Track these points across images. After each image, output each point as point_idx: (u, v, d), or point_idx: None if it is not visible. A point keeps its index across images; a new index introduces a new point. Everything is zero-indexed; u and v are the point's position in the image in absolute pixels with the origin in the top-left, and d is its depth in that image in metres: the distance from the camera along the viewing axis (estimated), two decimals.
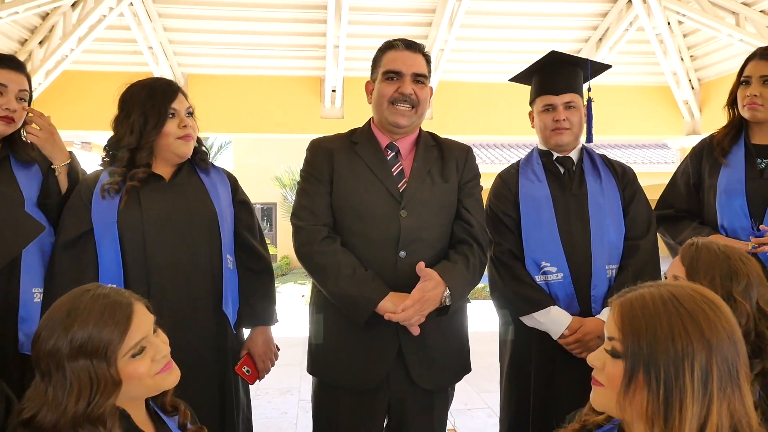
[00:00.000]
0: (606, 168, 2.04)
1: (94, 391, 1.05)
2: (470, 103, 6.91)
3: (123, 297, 1.13)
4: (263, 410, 4.09)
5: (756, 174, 1.96)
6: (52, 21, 5.76)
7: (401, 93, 1.76)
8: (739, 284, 1.25)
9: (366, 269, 1.69)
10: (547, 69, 2.05)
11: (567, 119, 1.99)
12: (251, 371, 1.84)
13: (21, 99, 1.75)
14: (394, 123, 1.78)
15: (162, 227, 1.68)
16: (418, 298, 1.63)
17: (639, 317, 0.91)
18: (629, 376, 0.90)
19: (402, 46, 1.80)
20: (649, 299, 0.92)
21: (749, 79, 1.98)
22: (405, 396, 1.76)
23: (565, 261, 1.90)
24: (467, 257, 1.74)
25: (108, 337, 1.07)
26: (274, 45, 6.35)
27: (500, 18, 6.17)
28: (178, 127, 1.73)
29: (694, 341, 0.87)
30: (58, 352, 1.06)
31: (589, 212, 1.94)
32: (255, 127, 6.94)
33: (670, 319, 0.89)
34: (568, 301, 1.90)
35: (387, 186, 1.75)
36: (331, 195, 1.78)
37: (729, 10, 5.58)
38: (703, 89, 6.88)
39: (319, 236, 1.72)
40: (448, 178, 1.81)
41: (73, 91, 6.38)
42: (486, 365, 5.12)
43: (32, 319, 1.65)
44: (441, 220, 1.79)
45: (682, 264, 1.34)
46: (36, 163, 1.80)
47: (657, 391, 0.87)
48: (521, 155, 2.25)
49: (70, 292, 1.14)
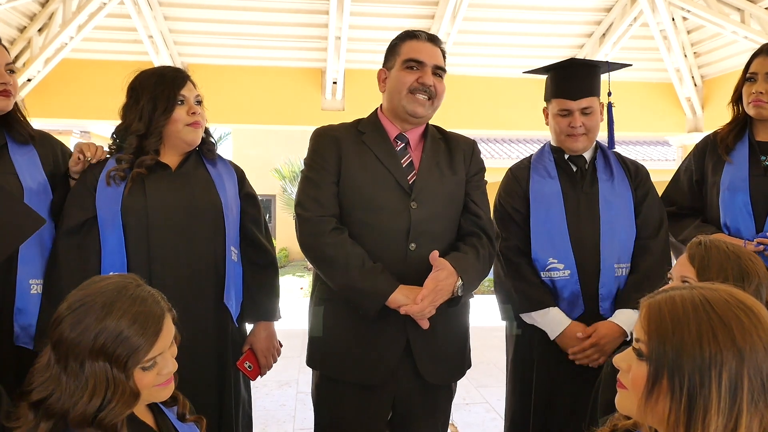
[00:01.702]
0: (619, 166, 2.02)
1: (109, 395, 1.04)
2: (472, 97, 6.88)
3: (158, 307, 1.11)
4: (261, 402, 4.08)
5: (760, 171, 1.94)
6: (51, 8, 5.73)
7: (422, 83, 1.73)
8: (751, 284, 1.23)
9: (375, 262, 1.67)
10: (565, 71, 2.00)
11: (583, 125, 1.95)
12: (253, 367, 1.81)
13: (10, 71, 1.72)
14: (412, 112, 1.75)
15: (166, 216, 1.67)
16: (432, 287, 1.61)
17: (666, 320, 0.86)
18: (653, 381, 0.86)
19: (424, 37, 1.78)
20: (679, 302, 0.87)
21: (755, 76, 1.96)
22: (411, 391, 1.74)
23: (572, 258, 1.89)
24: (477, 248, 1.73)
25: (135, 346, 1.05)
26: (276, 36, 6.32)
27: (504, 12, 6.14)
28: (187, 114, 1.71)
29: (723, 349, 0.82)
30: (82, 343, 1.04)
31: (600, 211, 1.92)
32: (255, 118, 6.92)
33: (699, 324, 0.84)
34: (573, 299, 1.89)
35: (397, 177, 1.73)
36: (337, 185, 1.74)
37: (734, 7, 5.55)
38: (706, 86, 6.85)
39: (327, 227, 1.68)
40: (457, 170, 1.80)
41: (72, 79, 6.35)
42: (484, 360, 5.15)
43: (28, 311, 1.63)
44: (450, 212, 1.77)
45: (692, 264, 1.31)
46: (32, 143, 1.76)
47: (680, 399, 0.83)
48: (523, 150, 2.24)
49: (108, 282, 1.11)
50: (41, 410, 1.04)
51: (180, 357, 1.18)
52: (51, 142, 1.84)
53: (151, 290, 1.14)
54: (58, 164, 1.81)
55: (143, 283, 1.14)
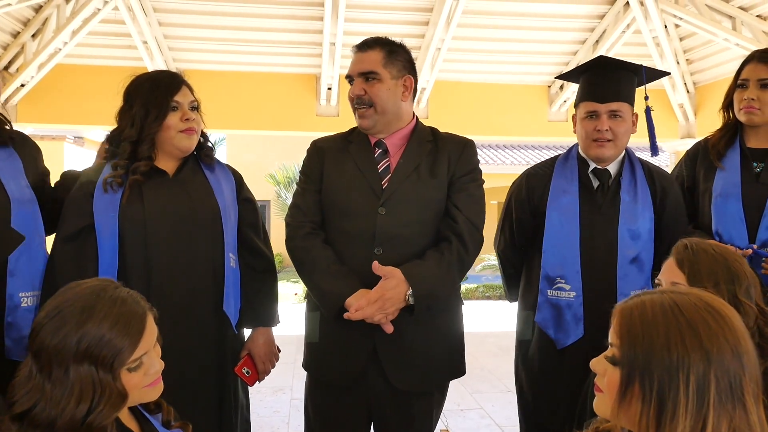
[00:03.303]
0: (645, 184, 1.91)
1: (97, 398, 1.03)
2: (466, 103, 6.91)
3: (139, 307, 1.10)
4: (255, 408, 4.03)
5: (752, 178, 1.94)
6: (45, 13, 5.71)
7: (352, 97, 1.78)
8: (741, 285, 1.24)
9: (341, 265, 1.70)
10: (594, 72, 1.94)
11: (610, 129, 1.86)
12: (251, 372, 1.80)
13: None
14: (360, 126, 1.82)
15: (164, 223, 1.66)
16: (376, 297, 1.61)
17: (637, 324, 0.89)
18: (625, 384, 0.88)
19: (355, 49, 1.81)
20: (648, 306, 0.90)
21: (746, 83, 1.95)
22: (382, 395, 1.74)
23: (580, 281, 1.85)
24: (442, 254, 1.69)
25: (119, 347, 1.04)
26: (271, 41, 6.32)
27: (498, 18, 6.17)
28: (180, 121, 1.69)
29: (690, 352, 0.84)
30: (64, 349, 1.02)
31: (619, 235, 1.85)
32: (250, 123, 6.92)
33: (668, 327, 0.86)
34: (574, 323, 1.85)
35: (371, 183, 1.75)
36: (320, 193, 1.81)
37: (726, 14, 5.59)
38: (699, 93, 6.90)
39: (301, 231, 1.76)
40: (437, 174, 1.76)
41: (66, 85, 6.33)
42: (479, 366, 5.14)
43: (19, 324, 1.59)
44: (424, 217, 1.74)
45: (681, 270, 1.30)
46: (10, 145, 1.70)
47: (650, 402, 0.85)
48: (517, 156, 2.24)
49: (85, 286, 1.10)
50: (26, 422, 1.02)
51: (180, 363, 1.17)
52: (30, 143, 1.79)
53: (130, 291, 1.13)
54: (41, 167, 1.78)
55: (120, 286, 1.13)
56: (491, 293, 10.40)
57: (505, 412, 4.01)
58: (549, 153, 11.85)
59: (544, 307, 1.90)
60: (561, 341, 1.87)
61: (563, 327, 1.86)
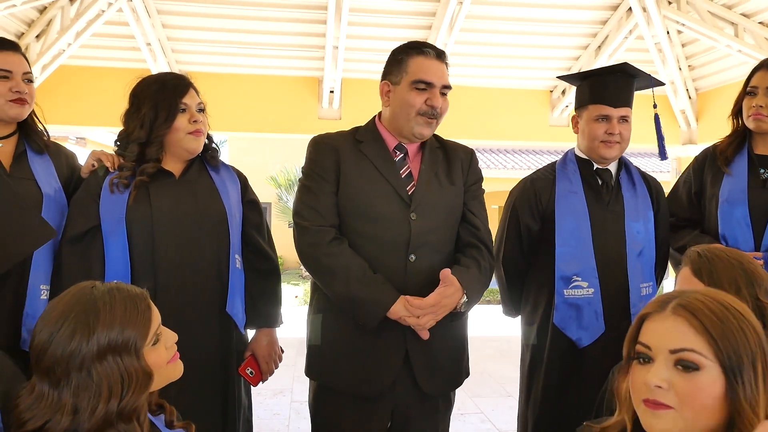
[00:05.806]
0: (641, 182, 2.03)
1: (126, 388, 1.03)
2: (468, 108, 6.90)
3: (136, 289, 1.12)
4: (255, 411, 4.02)
5: (759, 184, 1.96)
6: (49, 15, 5.72)
7: (431, 106, 1.70)
8: (761, 286, 1.23)
9: (375, 272, 1.65)
10: (611, 78, 1.99)
11: (620, 133, 1.96)
12: (255, 373, 1.82)
13: (28, 81, 1.74)
14: (419, 134, 1.74)
15: (171, 224, 1.66)
16: (435, 302, 1.60)
17: (716, 321, 0.89)
18: (730, 384, 0.88)
19: (433, 54, 1.73)
20: (710, 304, 0.92)
21: (755, 90, 1.98)
22: (409, 402, 1.73)
23: (596, 277, 1.88)
24: (479, 262, 1.72)
25: (136, 331, 1.06)
26: (273, 44, 6.33)
27: (501, 23, 6.18)
28: (189, 122, 1.70)
29: (759, 338, 0.90)
30: (82, 353, 1.02)
31: (626, 229, 1.93)
32: (252, 126, 6.92)
33: (737, 320, 0.90)
34: (593, 318, 1.87)
35: (396, 188, 1.72)
36: (336, 194, 1.72)
37: (728, 21, 5.60)
38: (701, 99, 6.90)
39: (327, 238, 1.67)
40: (455, 180, 1.79)
41: (70, 86, 6.34)
42: (479, 370, 5.14)
43: (37, 315, 1.60)
44: (448, 223, 1.77)
45: (699, 279, 1.28)
46: (46, 152, 1.79)
47: (744, 393, 0.87)
48: (518, 160, 2.26)
49: (70, 295, 1.09)
50: None
51: (185, 363, 1.18)
52: (64, 152, 1.87)
53: (117, 282, 1.15)
54: (71, 175, 1.83)
55: (103, 282, 1.14)
56: (491, 297, 10.40)
57: (506, 416, 4.00)
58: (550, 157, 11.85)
59: (561, 307, 1.90)
60: (582, 340, 1.88)
61: (584, 325, 1.88)
